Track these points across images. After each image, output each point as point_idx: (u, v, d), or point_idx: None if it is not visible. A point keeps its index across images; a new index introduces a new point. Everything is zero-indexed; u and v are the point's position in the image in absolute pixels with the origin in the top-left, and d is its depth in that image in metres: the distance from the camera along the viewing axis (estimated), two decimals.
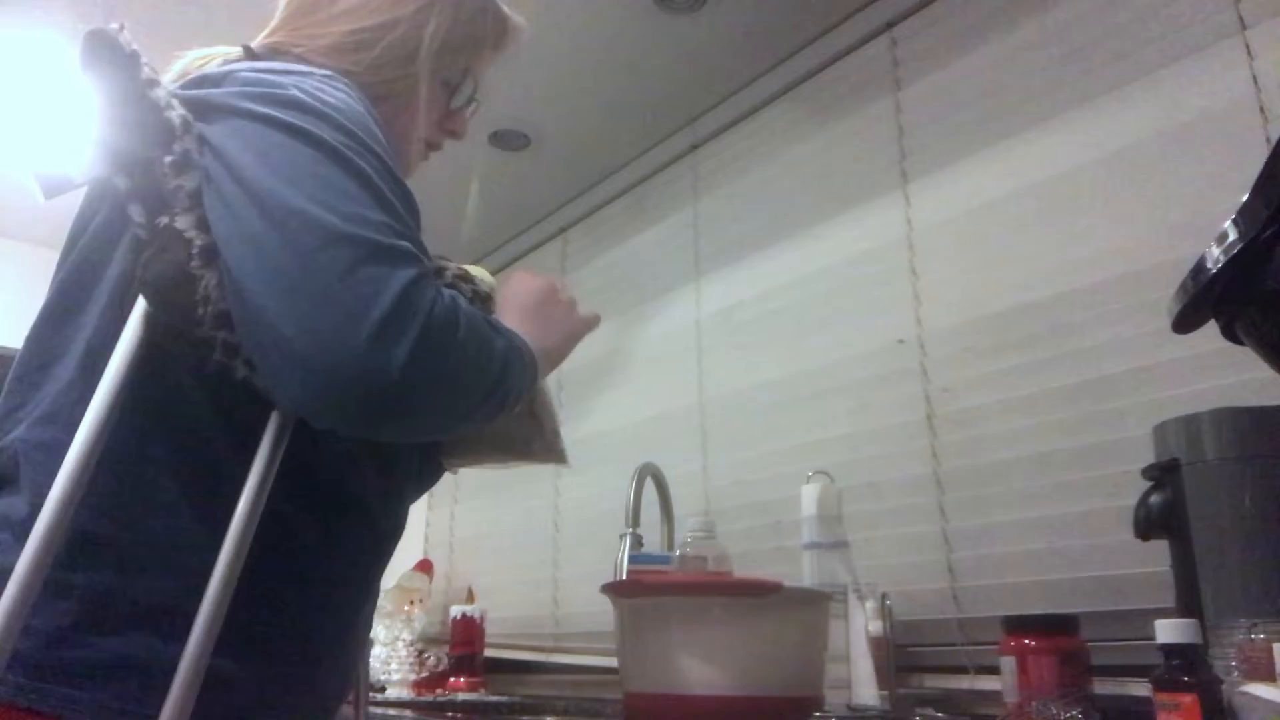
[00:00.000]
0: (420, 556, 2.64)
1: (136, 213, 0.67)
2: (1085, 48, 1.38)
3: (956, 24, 1.59)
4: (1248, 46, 1.19)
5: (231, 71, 0.74)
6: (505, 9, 0.98)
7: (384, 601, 2.37)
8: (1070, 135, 1.37)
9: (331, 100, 0.72)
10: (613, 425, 2.14)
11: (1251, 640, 0.75)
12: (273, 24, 0.89)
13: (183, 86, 0.73)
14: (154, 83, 0.68)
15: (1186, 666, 0.79)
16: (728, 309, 1.93)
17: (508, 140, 2.21)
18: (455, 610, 2.21)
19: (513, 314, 0.83)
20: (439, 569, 2.57)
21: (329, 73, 0.77)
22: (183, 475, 0.69)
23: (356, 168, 0.67)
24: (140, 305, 0.68)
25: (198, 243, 0.65)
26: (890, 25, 1.71)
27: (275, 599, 0.72)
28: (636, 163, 2.27)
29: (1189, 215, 1.20)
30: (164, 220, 0.66)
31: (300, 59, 0.83)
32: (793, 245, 1.81)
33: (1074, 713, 0.96)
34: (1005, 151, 1.46)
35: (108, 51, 0.67)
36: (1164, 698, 0.79)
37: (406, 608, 2.34)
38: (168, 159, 0.66)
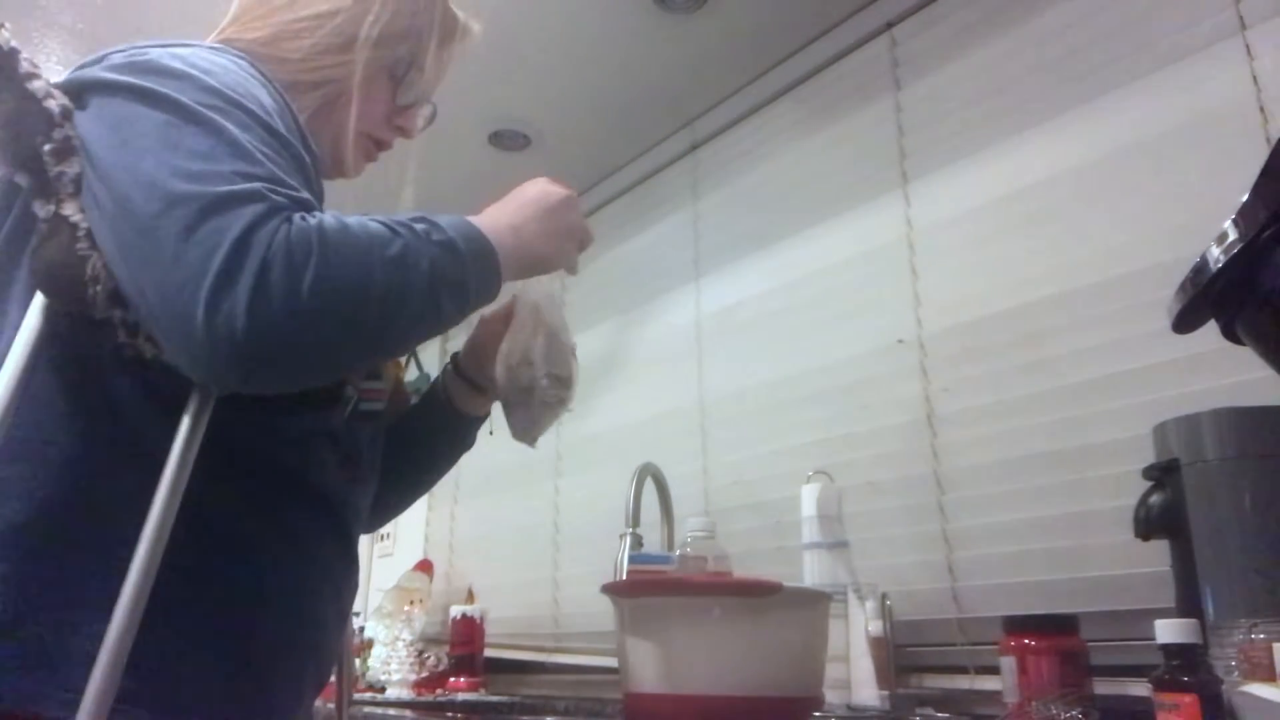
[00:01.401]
0: (420, 556, 2.64)
1: (40, 209, 0.67)
2: (1085, 48, 1.38)
3: (956, 24, 1.59)
4: (1248, 46, 1.19)
5: (110, 50, 0.74)
6: (454, 7, 0.97)
7: (384, 601, 2.37)
8: (1070, 135, 1.37)
9: (201, 63, 0.72)
10: (613, 425, 2.14)
11: (1251, 640, 0.75)
12: (224, 21, 0.89)
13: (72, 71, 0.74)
14: (32, 75, 0.69)
15: (1186, 666, 0.79)
16: (728, 309, 1.93)
17: (508, 140, 2.21)
18: (455, 610, 2.21)
19: (508, 202, 0.84)
20: (439, 569, 2.57)
21: (218, 45, 0.77)
22: (116, 463, 0.69)
23: (211, 122, 0.66)
24: (40, 296, 0.69)
25: (83, 226, 0.66)
26: (890, 25, 1.71)
27: (229, 586, 0.72)
28: (636, 163, 2.27)
29: (1189, 215, 1.19)
30: (52, 208, 0.67)
31: (244, 47, 0.84)
32: (793, 245, 1.81)
33: (1074, 713, 0.96)
34: (1005, 151, 1.46)
35: None
36: (1164, 698, 0.79)
37: (406, 608, 2.33)
38: (48, 147, 0.67)
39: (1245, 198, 0.73)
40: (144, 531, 0.64)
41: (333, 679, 0.96)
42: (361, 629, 2.43)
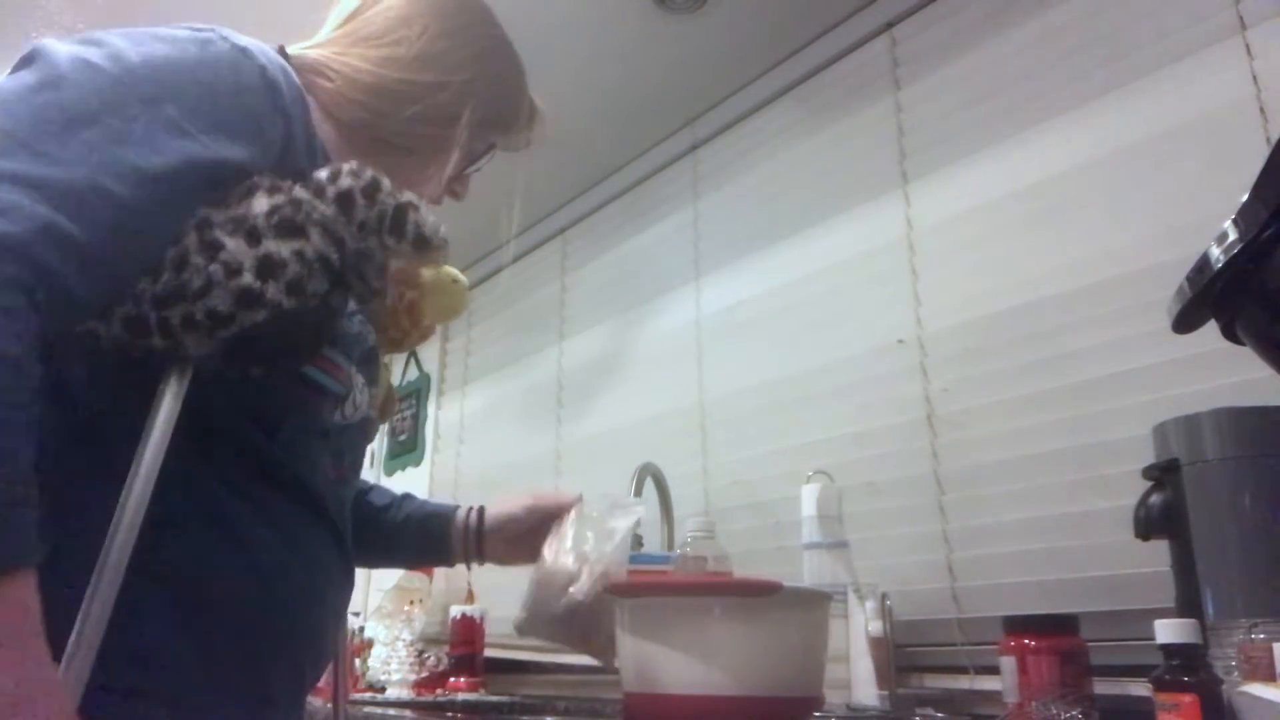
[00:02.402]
0: None
1: None
2: (1085, 48, 1.38)
3: (956, 24, 1.59)
4: (1248, 46, 1.19)
5: None
6: (535, 98, 1.02)
7: (384, 601, 2.37)
8: (1070, 135, 1.37)
9: (150, 36, 0.71)
10: (613, 425, 2.14)
11: (1251, 640, 0.75)
12: (319, 35, 0.88)
13: None
14: None
15: (1186, 666, 0.79)
16: (728, 309, 1.93)
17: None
18: (455, 610, 2.21)
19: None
20: (439, 569, 2.57)
21: (216, 30, 0.75)
22: (73, 451, 0.67)
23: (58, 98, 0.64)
24: None
25: None
26: (890, 25, 1.71)
27: (230, 581, 0.72)
28: (636, 163, 2.27)
29: (1189, 215, 1.19)
30: None
31: (330, 79, 0.84)
32: (793, 245, 1.81)
33: (1074, 713, 0.96)
34: (1005, 151, 1.46)
35: None
36: (1164, 698, 0.79)
37: (406, 608, 2.33)
38: None
39: (1245, 198, 0.73)
40: (116, 520, 0.63)
41: (329, 679, 0.96)
42: (361, 629, 2.43)
